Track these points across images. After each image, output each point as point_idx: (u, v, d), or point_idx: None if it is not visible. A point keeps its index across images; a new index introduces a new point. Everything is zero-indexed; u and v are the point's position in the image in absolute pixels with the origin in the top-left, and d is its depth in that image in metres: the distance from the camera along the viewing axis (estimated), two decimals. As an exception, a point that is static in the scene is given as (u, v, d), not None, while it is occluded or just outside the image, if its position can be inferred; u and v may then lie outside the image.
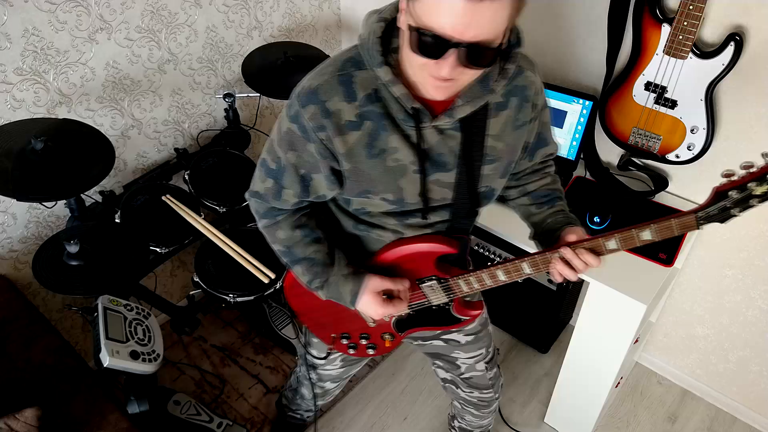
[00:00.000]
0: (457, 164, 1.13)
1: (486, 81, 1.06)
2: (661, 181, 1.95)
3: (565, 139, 2.00)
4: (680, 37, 1.62)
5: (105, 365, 1.50)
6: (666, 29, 1.65)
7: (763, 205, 0.95)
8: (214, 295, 1.90)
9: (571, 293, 2.29)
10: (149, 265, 1.89)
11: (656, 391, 2.36)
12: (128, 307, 1.66)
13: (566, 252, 1.11)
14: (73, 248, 1.60)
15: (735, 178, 0.95)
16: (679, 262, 2.05)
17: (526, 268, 1.16)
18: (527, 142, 1.22)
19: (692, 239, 1.96)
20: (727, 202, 0.96)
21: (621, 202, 1.90)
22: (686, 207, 1.91)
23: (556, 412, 2.18)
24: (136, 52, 1.95)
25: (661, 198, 1.96)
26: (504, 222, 1.84)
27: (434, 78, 0.95)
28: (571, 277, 1.12)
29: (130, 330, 1.61)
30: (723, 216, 0.98)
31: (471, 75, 0.97)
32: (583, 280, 2.34)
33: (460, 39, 0.88)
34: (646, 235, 1.05)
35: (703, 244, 2.02)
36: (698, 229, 1.01)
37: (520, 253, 2.24)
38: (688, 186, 1.94)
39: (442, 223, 1.21)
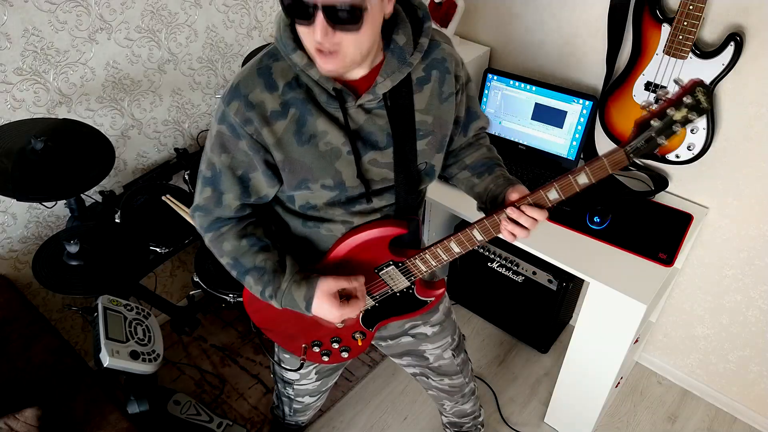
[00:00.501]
0: (391, 143, 1.14)
1: (402, 56, 1.09)
2: (661, 181, 1.95)
3: (565, 139, 2.00)
4: (680, 37, 1.62)
5: (105, 365, 1.51)
6: (666, 29, 1.65)
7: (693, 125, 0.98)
8: (214, 295, 1.90)
9: (571, 293, 2.29)
10: (149, 265, 1.89)
11: (656, 391, 2.36)
12: (128, 307, 1.66)
13: (512, 211, 1.12)
14: (73, 248, 1.60)
15: (654, 107, 0.99)
16: (679, 262, 2.05)
17: (477, 235, 1.17)
18: (458, 116, 1.25)
19: (692, 239, 1.96)
20: (651, 132, 0.99)
21: (621, 202, 1.90)
22: (687, 207, 1.92)
23: (556, 412, 2.18)
24: (136, 52, 1.95)
25: (661, 198, 1.96)
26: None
27: (317, 49, 0.98)
28: (522, 234, 1.13)
29: (130, 330, 1.61)
30: (650, 146, 1.01)
31: (352, 42, 0.98)
32: (582, 280, 2.34)
33: (323, 1, 0.92)
34: (582, 178, 1.06)
35: (703, 244, 2.02)
36: (629, 163, 1.03)
37: (521, 253, 2.24)
38: (688, 186, 1.94)
39: (389, 207, 1.21)
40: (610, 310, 1.74)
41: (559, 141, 2.01)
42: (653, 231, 1.83)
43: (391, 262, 1.24)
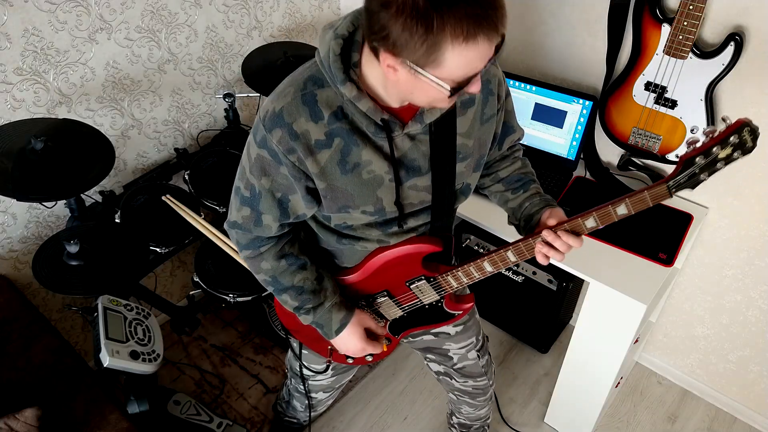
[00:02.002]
0: (431, 167, 1.13)
1: None
2: (661, 181, 1.94)
3: (565, 139, 1.99)
4: (680, 37, 1.62)
5: (105, 365, 1.51)
6: (666, 29, 1.65)
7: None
8: (214, 295, 1.91)
9: (571, 293, 2.29)
10: (149, 265, 1.89)
11: (656, 391, 2.36)
12: (128, 307, 1.66)
13: (548, 235, 1.12)
14: (73, 248, 1.60)
15: (699, 144, 0.98)
16: (679, 262, 2.05)
17: (512, 257, 1.17)
18: (495, 132, 1.24)
19: (692, 239, 1.96)
20: (694, 168, 1.00)
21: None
22: (687, 207, 1.92)
23: (556, 412, 2.18)
24: (136, 52, 1.95)
25: (661, 198, 1.96)
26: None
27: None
28: (557, 257, 1.13)
29: (130, 330, 1.61)
30: (692, 182, 1.02)
31: None
32: (582, 280, 2.34)
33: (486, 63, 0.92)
34: (622, 209, 1.07)
35: (703, 244, 2.02)
36: (670, 197, 1.04)
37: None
38: (688, 186, 1.94)
39: (424, 226, 1.21)
40: (610, 310, 1.74)
41: (559, 141, 2.01)
42: (653, 231, 1.83)
43: (423, 277, 1.25)
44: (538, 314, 2.35)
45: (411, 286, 1.27)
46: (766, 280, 1.94)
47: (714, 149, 0.97)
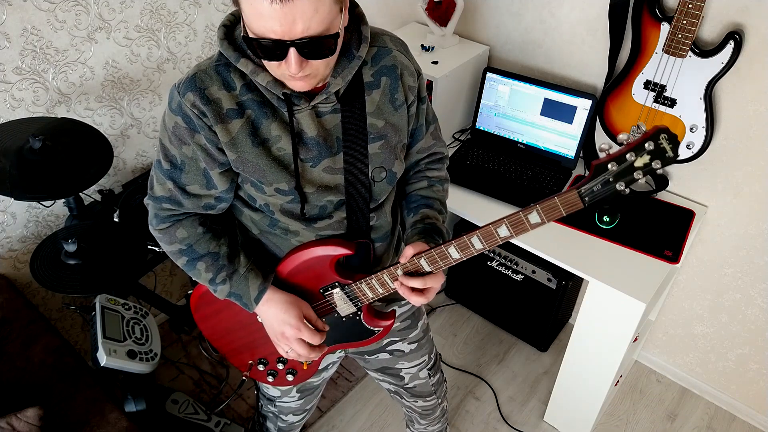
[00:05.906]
0: (342, 146, 1.11)
1: (349, 51, 1.05)
2: (661, 180, 1.95)
3: (575, 135, 1.97)
4: (679, 35, 1.62)
5: (102, 364, 1.50)
6: (665, 28, 1.65)
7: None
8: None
9: (570, 292, 2.30)
10: (147, 264, 1.89)
11: (655, 389, 2.36)
12: (126, 307, 1.66)
13: (403, 278, 1.13)
14: (70, 247, 1.60)
15: (612, 150, 0.91)
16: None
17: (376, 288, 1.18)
18: (412, 128, 1.22)
19: (692, 237, 1.96)
20: (607, 176, 0.92)
21: (623, 202, 1.90)
22: (686, 206, 1.92)
23: (556, 411, 2.18)
24: (135, 51, 1.95)
25: (662, 197, 1.96)
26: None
27: (290, 75, 0.96)
28: (418, 301, 1.14)
29: (128, 329, 1.61)
30: (607, 191, 0.93)
31: (324, 64, 0.98)
32: (582, 279, 2.34)
33: (291, 38, 0.89)
34: (534, 217, 0.99)
35: (702, 243, 2.02)
36: (584, 206, 0.96)
37: (521, 252, 2.25)
38: (688, 184, 1.94)
39: (339, 223, 1.18)
40: (609, 309, 1.74)
41: (570, 135, 1.99)
42: (656, 228, 1.83)
43: (337, 284, 1.21)
44: (537, 312, 2.35)
45: (325, 294, 1.23)
46: (765, 279, 1.94)
47: (628, 156, 0.90)
